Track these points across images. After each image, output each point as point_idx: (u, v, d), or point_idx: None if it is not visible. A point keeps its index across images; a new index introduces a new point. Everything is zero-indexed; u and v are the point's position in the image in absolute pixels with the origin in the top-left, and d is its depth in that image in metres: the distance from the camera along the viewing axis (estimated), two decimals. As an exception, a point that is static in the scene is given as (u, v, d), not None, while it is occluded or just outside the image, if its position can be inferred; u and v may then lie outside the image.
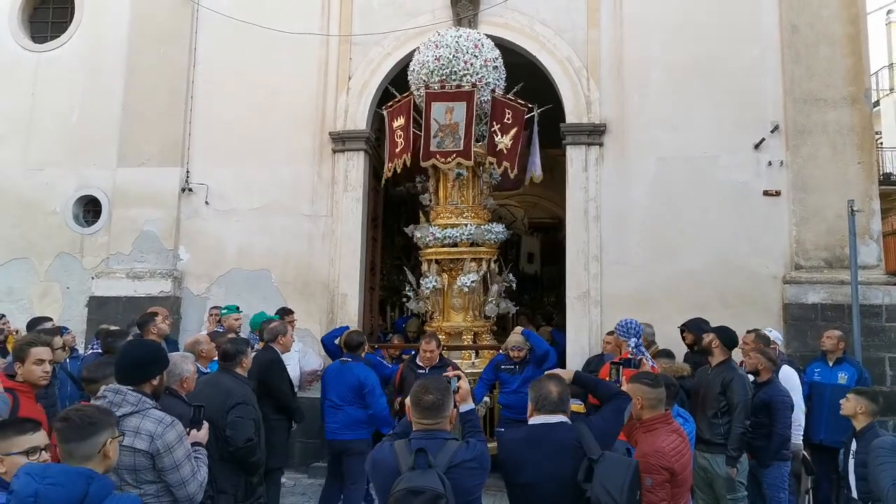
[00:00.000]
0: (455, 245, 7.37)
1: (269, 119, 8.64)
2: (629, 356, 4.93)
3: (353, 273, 8.27)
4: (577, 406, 3.15)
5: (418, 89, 7.34)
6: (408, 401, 2.74)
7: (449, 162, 7.15)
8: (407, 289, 7.95)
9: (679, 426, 3.41)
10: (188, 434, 3.20)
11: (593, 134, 8.06)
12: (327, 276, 8.32)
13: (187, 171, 8.73)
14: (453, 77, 7.15)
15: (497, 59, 7.41)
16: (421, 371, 5.96)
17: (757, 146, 7.71)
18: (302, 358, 6.94)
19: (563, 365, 7.31)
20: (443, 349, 6.57)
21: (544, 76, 8.35)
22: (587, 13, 8.24)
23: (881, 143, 21.01)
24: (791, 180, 7.62)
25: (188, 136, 8.78)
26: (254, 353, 4.82)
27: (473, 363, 7.17)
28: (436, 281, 7.39)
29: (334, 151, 8.50)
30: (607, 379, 3.47)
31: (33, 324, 5.99)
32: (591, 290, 7.95)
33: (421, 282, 7.55)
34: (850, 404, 4.32)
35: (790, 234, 7.58)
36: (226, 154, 8.68)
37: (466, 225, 7.36)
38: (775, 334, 6.60)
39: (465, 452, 2.62)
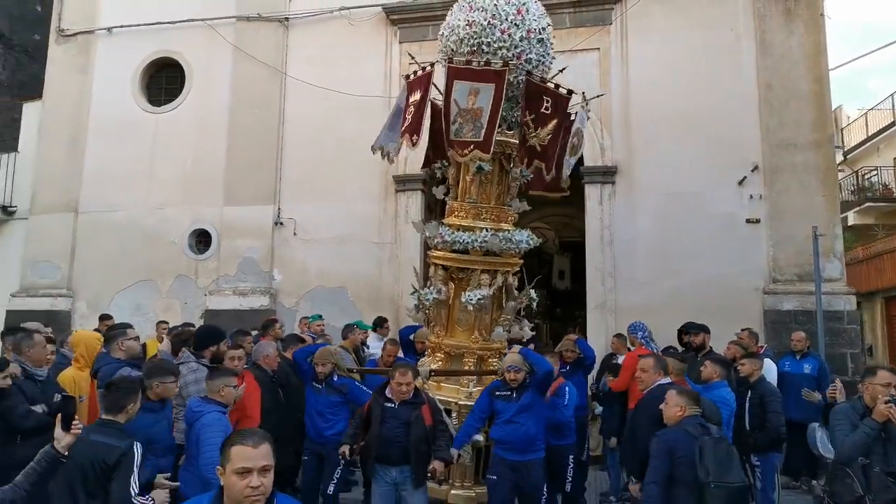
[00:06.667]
0: (467, 252, 6.19)
1: (344, 165, 10.71)
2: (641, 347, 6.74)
3: (414, 290, 10.20)
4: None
5: (445, 60, 6.29)
6: None
7: (466, 154, 5.96)
8: (412, 292, 6.87)
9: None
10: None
11: (606, 174, 9.90)
12: (392, 293, 10.31)
13: (278, 209, 10.88)
14: (485, 49, 5.93)
15: (545, 30, 6.18)
16: (389, 405, 5.04)
17: (740, 183, 9.42)
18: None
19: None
20: (426, 379, 5.83)
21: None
22: (599, 76, 10.10)
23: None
24: (768, 210, 9.33)
25: (279, 180, 10.95)
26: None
27: (471, 393, 5.99)
28: (438, 291, 6.24)
29: (396, 191, 10.54)
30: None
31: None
32: (608, 301, 9.75)
33: (420, 289, 6.54)
34: (747, 367, 5.99)
35: (768, 255, 9.29)
36: (309, 194, 10.79)
37: (482, 230, 6.16)
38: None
39: None
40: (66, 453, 3.48)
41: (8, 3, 14.92)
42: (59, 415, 3.56)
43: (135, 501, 3.48)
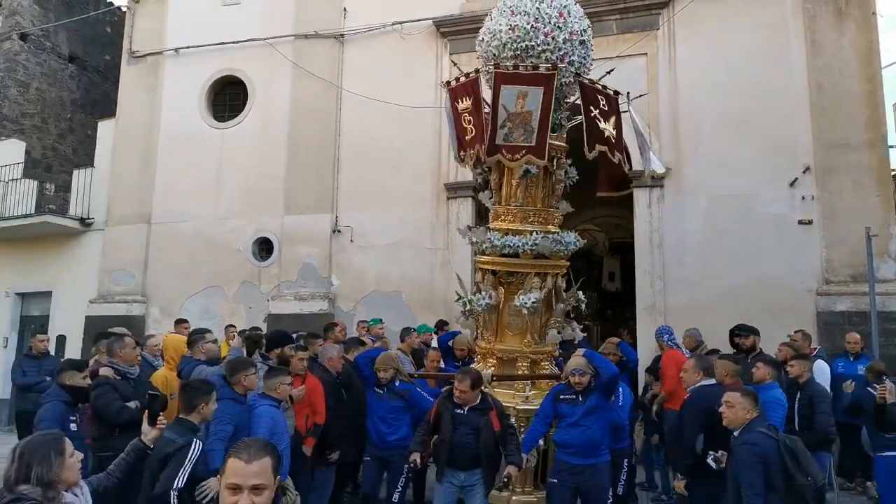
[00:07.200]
0: (516, 256, 6.25)
1: (397, 174, 11.14)
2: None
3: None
4: None
5: (487, 65, 6.34)
6: None
7: (518, 159, 6.07)
8: (457, 299, 6.78)
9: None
10: None
11: (655, 178, 10.01)
12: (445, 296, 10.60)
13: (336, 217, 11.38)
14: (530, 53, 6.03)
15: (585, 31, 6.33)
16: (459, 411, 5.11)
17: (792, 184, 9.40)
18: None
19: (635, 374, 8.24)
20: (489, 384, 5.77)
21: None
22: (647, 80, 10.20)
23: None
24: (821, 211, 9.29)
25: (336, 189, 11.46)
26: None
27: (527, 397, 6.06)
28: (489, 297, 6.29)
29: (448, 198, 10.90)
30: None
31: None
32: (657, 302, 9.87)
33: (471, 295, 6.57)
34: (796, 368, 6.08)
35: (821, 256, 9.26)
36: (365, 202, 11.26)
37: (532, 233, 6.22)
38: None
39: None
40: (152, 446, 3.88)
41: (81, 27, 15.94)
42: (147, 411, 3.97)
43: (173, 493, 3.69)
